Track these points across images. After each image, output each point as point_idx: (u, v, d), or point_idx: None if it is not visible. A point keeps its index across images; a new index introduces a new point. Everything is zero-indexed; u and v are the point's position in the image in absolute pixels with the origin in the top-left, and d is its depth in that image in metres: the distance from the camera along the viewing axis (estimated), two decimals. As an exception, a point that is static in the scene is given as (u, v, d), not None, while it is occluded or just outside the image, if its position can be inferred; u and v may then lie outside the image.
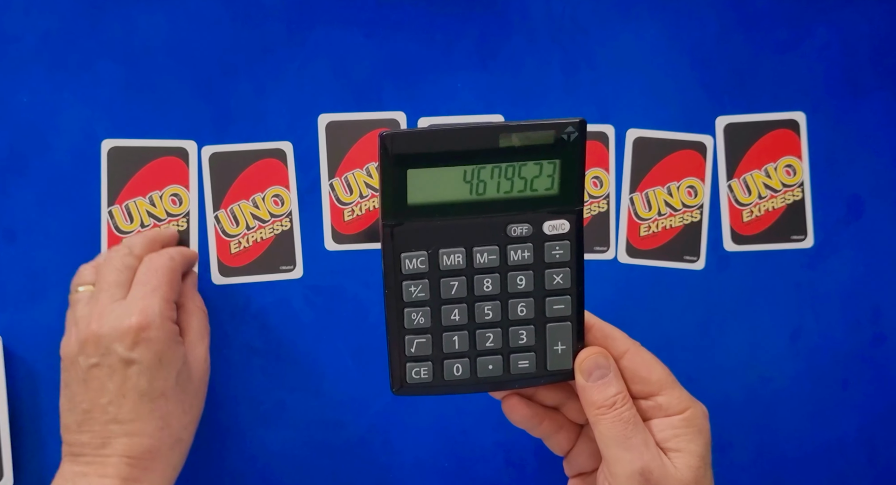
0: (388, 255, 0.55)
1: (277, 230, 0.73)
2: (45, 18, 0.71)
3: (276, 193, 0.73)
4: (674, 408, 0.57)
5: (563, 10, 0.74)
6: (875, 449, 0.74)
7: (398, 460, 0.73)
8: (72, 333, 0.63)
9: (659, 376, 0.57)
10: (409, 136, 0.53)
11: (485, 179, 0.54)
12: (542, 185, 0.54)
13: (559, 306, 0.56)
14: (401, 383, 0.57)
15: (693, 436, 0.57)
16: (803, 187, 0.75)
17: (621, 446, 0.55)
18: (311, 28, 0.73)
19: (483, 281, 0.55)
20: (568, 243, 0.55)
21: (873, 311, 0.74)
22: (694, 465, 0.56)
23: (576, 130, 0.53)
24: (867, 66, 0.75)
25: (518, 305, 0.56)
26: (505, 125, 0.53)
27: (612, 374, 0.57)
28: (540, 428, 0.60)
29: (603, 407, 0.56)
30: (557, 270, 0.56)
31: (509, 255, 0.55)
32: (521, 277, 0.55)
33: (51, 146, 0.71)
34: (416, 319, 0.56)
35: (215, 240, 0.73)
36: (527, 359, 0.57)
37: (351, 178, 0.73)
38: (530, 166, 0.54)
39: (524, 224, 0.55)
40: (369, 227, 0.73)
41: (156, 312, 0.62)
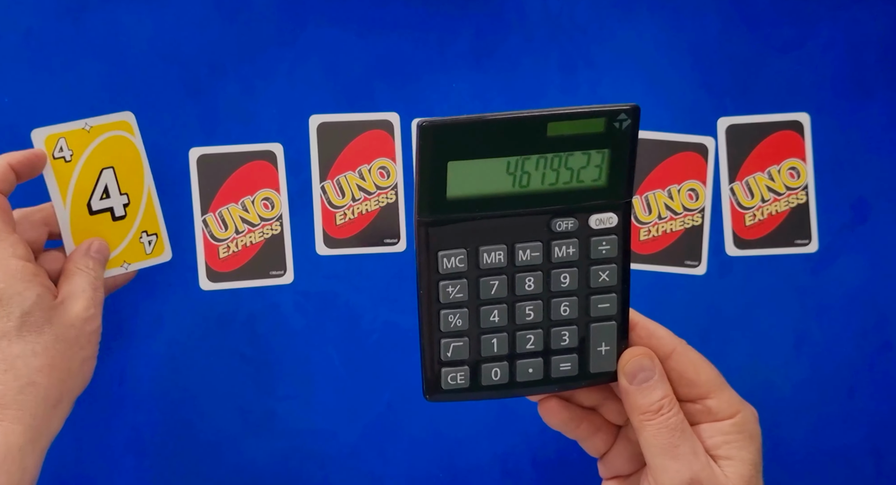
0: (423, 253, 0.52)
1: (267, 234, 0.73)
2: (27, 17, 0.71)
3: (265, 196, 0.73)
4: (724, 412, 0.55)
5: (561, 8, 0.74)
6: (882, 458, 0.74)
7: (392, 471, 0.73)
8: None
9: (707, 378, 0.55)
10: (452, 125, 0.50)
11: (529, 170, 0.51)
12: (590, 176, 0.52)
13: (604, 305, 0.54)
14: (434, 389, 0.54)
15: (744, 442, 0.54)
16: (807, 190, 0.74)
17: (668, 454, 0.53)
18: (302, 27, 0.73)
19: (525, 280, 0.53)
20: (615, 238, 0.53)
21: (879, 317, 0.74)
22: (746, 474, 0.54)
23: (628, 117, 0.51)
24: (873, 67, 0.75)
25: (561, 304, 0.54)
26: (554, 113, 0.50)
27: (657, 376, 0.54)
28: (577, 431, 0.58)
29: (648, 412, 0.54)
30: (603, 267, 0.53)
31: (553, 251, 0.53)
32: (565, 274, 0.53)
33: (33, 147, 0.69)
34: (454, 321, 0.53)
35: (203, 244, 0.73)
36: (569, 361, 0.54)
37: (343, 180, 0.73)
38: (578, 156, 0.51)
39: (570, 218, 0.52)
40: (362, 231, 0.73)
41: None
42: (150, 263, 0.70)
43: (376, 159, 0.73)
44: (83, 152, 0.67)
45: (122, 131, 0.69)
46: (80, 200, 0.67)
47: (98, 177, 0.68)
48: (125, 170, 0.69)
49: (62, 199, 0.67)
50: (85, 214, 0.67)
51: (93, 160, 0.68)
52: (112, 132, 0.69)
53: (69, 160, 0.67)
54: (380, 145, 0.73)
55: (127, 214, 0.69)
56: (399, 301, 0.73)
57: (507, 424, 0.73)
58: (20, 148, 0.69)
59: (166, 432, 0.72)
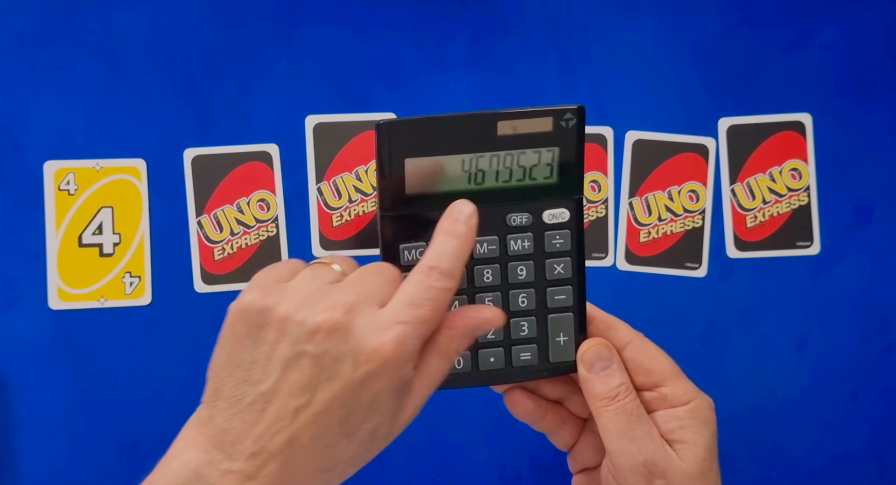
0: (386, 246, 0.55)
1: (263, 236, 0.73)
2: (19, 16, 0.71)
3: (261, 198, 0.73)
4: (679, 399, 0.57)
5: (560, 8, 0.74)
6: (884, 463, 0.74)
7: (389, 475, 0.72)
8: (296, 296, 0.49)
9: (663, 367, 0.58)
10: (407, 124, 0.53)
11: (483, 168, 0.54)
12: (541, 173, 0.55)
13: (560, 297, 0.57)
14: None
15: (698, 427, 0.57)
16: (809, 192, 0.74)
17: (624, 437, 0.56)
18: (298, 27, 0.73)
19: (483, 272, 0.56)
20: (568, 232, 0.56)
21: (882, 320, 0.74)
22: (700, 456, 0.56)
23: (574, 116, 0.54)
24: (875, 66, 0.74)
25: (519, 295, 0.56)
26: (502, 112, 0.54)
27: (614, 365, 0.57)
28: (543, 422, 0.60)
29: (606, 399, 0.56)
30: (558, 260, 0.56)
31: (509, 245, 0.56)
32: (521, 267, 0.56)
33: (25, 148, 0.71)
34: None
35: (198, 246, 0.72)
36: (529, 351, 0.57)
37: (339, 181, 0.73)
38: (529, 154, 0.54)
39: (524, 213, 0.55)
40: (359, 232, 0.73)
41: (407, 351, 0.49)
42: (128, 303, 0.71)
43: (374, 160, 0.72)
44: (87, 189, 0.70)
45: (130, 176, 0.71)
46: (73, 231, 0.70)
47: (95, 213, 0.70)
48: (124, 212, 0.71)
49: (55, 228, 0.70)
50: (74, 246, 0.70)
51: (94, 197, 0.71)
52: (120, 175, 0.71)
53: (72, 194, 0.70)
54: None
55: (115, 252, 0.71)
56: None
57: (505, 428, 0.72)
58: (9, 146, 0.69)
59: (160, 435, 0.71)
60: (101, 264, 0.71)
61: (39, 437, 0.70)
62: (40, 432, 0.70)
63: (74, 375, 0.71)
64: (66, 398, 0.70)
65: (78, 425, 0.71)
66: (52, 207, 0.70)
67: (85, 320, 0.71)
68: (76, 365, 0.71)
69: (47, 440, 0.70)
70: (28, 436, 0.69)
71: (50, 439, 0.70)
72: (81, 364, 0.71)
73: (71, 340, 0.71)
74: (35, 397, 0.70)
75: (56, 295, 0.70)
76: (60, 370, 0.71)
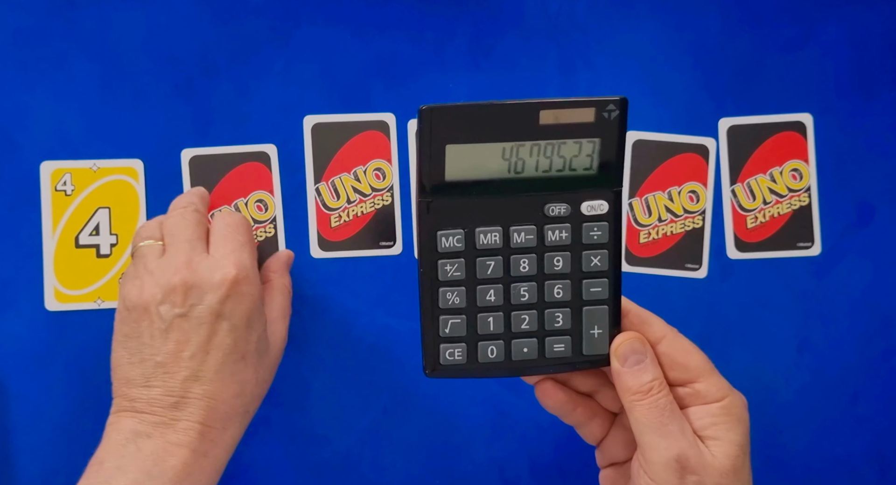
0: (423, 232, 0.55)
1: (261, 237, 0.72)
2: (16, 15, 0.71)
3: (259, 198, 0.73)
4: (712, 396, 0.57)
5: (560, 8, 0.73)
6: (886, 465, 0.74)
7: (387, 478, 0.72)
8: (147, 281, 0.61)
9: (697, 363, 0.58)
10: (449, 110, 0.53)
11: (523, 156, 0.54)
12: (581, 164, 0.55)
13: (596, 289, 0.57)
14: (434, 364, 0.57)
15: (732, 424, 0.57)
16: (810, 192, 0.74)
17: (657, 432, 0.56)
18: (296, 26, 0.72)
19: (520, 261, 0.56)
20: (606, 225, 0.56)
21: (883, 322, 0.74)
22: (732, 453, 0.56)
23: (617, 108, 0.54)
24: (877, 66, 0.74)
25: (555, 286, 0.57)
26: (545, 102, 0.54)
27: (648, 360, 0.57)
28: (573, 415, 0.61)
29: (639, 393, 0.56)
30: (595, 252, 0.56)
31: (547, 235, 0.56)
32: (558, 258, 0.56)
33: (21, 148, 0.71)
34: (452, 299, 0.56)
35: None
36: (562, 343, 0.57)
37: (338, 182, 0.73)
38: (570, 145, 0.54)
39: (562, 204, 0.56)
40: (357, 233, 0.73)
41: (248, 265, 0.62)
42: None
43: (372, 161, 0.72)
44: (84, 189, 0.70)
45: (128, 177, 0.70)
46: (70, 232, 0.70)
47: (92, 214, 0.70)
48: (121, 212, 0.71)
49: (52, 229, 0.69)
50: (70, 246, 0.70)
51: (91, 198, 0.70)
52: (117, 176, 0.70)
53: (69, 194, 0.70)
54: (375, 146, 0.73)
55: (112, 253, 0.71)
56: (395, 305, 0.72)
57: (505, 430, 0.72)
58: (5, 146, 0.70)
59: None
60: (98, 265, 0.71)
61: (36, 439, 0.70)
62: (37, 435, 0.70)
63: (71, 376, 0.70)
64: (63, 400, 0.70)
65: (75, 427, 0.70)
66: (48, 208, 0.69)
67: (82, 322, 0.71)
68: (73, 366, 0.70)
69: (44, 442, 0.70)
70: (25, 438, 0.69)
71: (47, 442, 0.70)
72: (78, 365, 0.70)
73: (68, 342, 0.70)
74: (32, 398, 0.70)
75: (53, 296, 0.70)
76: (57, 372, 0.70)
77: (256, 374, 0.63)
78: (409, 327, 0.72)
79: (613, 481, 0.61)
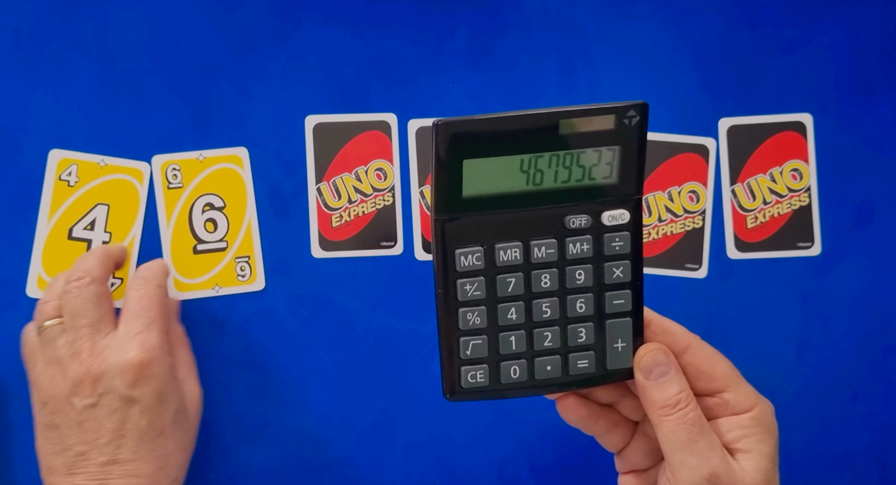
0: (440, 252, 0.53)
1: None
2: (15, 15, 0.71)
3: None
4: (741, 405, 0.56)
5: (560, 7, 0.73)
6: (886, 465, 0.74)
7: (387, 478, 0.72)
8: (56, 373, 0.62)
9: (724, 372, 0.56)
10: (465, 124, 0.51)
11: (542, 168, 0.53)
12: (601, 173, 0.53)
13: (619, 302, 0.55)
14: (454, 387, 0.55)
15: (763, 435, 0.56)
16: (810, 192, 0.74)
17: (687, 450, 0.54)
18: (296, 25, 0.72)
19: (541, 276, 0.54)
20: (628, 235, 0.55)
21: (883, 321, 0.74)
22: (764, 467, 0.55)
23: (637, 113, 0.53)
24: (877, 66, 0.74)
25: (577, 301, 0.55)
26: (564, 111, 0.52)
27: (672, 371, 0.55)
28: (595, 427, 0.59)
29: (666, 407, 0.55)
30: (617, 263, 0.55)
31: (568, 248, 0.54)
32: (580, 271, 0.55)
33: (21, 148, 0.71)
34: (472, 319, 0.54)
35: None
36: (586, 358, 0.56)
37: (339, 182, 0.72)
38: (589, 154, 0.53)
39: (583, 215, 0.54)
40: (358, 233, 0.72)
41: (155, 345, 0.61)
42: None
43: (373, 161, 0.72)
44: (87, 183, 0.70)
45: (132, 177, 0.70)
46: (64, 223, 0.69)
47: (91, 209, 0.70)
48: (119, 212, 0.70)
49: (48, 217, 0.69)
50: (63, 238, 0.69)
51: (92, 193, 0.70)
52: (122, 175, 0.70)
53: (72, 185, 0.69)
54: (377, 146, 0.72)
55: None
56: (395, 305, 0.72)
57: (505, 430, 0.72)
58: (5, 146, 0.69)
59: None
60: None
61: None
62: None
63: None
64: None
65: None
66: (48, 196, 0.69)
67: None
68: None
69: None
70: (25, 438, 0.69)
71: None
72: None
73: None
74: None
75: (35, 284, 0.69)
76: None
77: (178, 443, 0.63)
78: (409, 327, 0.72)
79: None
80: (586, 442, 0.71)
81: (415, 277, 0.72)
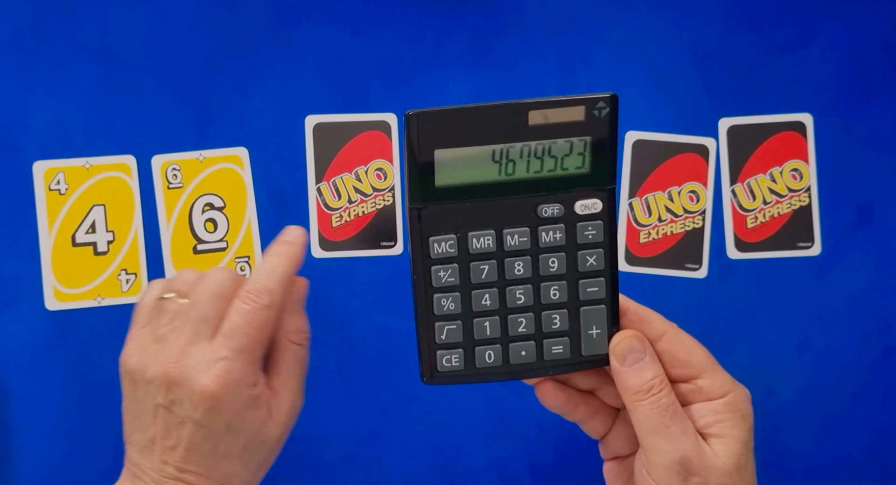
0: (415, 239, 0.55)
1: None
2: (15, 15, 0.71)
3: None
4: (715, 391, 0.56)
5: (559, 7, 0.73)
6: (886, 465, 0.74)
7: (387, 478, 0.72)
8: (146, 347, 0.59)
9: (699, 359, 0.57)
10: (436, 114, 0.52)
11: (514, 158, 0.53)
12: (573, 163, 0.54)
13: (593, 289, 0.56)
14: (431, 371, 0.56)
15: (736, 421, 0.56)
16: (810, 192, 0.74)
17: (659, 434, 0.55)
18: (296, 25, 0.72)
19: (514, 264, 0.55)
20: (601, 223, 0.55)
21: (883, 321, 0.74)
22: (736, 451, 0.55)
23: (607, 105, 0.53)
24: (877, 66, 0.74)
25: (551, 288, 0.56)
26: (534, 102, 0.53)
27: (647, 357, 0.56)
28: (575, 413, 0.60)
29: (640, 392, 0.55)
30: (591, 252, 0.55)
31: (541, 236, 0.55)
32: (553, 259, 0.55)
33: (21, 148, 0.71)
34: (446, 305, 0.55)
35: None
36: (561, 344, 0.56)
37: (339, 182, 0.72)
38: (560, 144, 0.53)
39: (555, 204, 0.55)
40: (358, 233, 0.72)
41: (234, 380, 0.57)
42: (125, 300, 0.71)
43: (373, 161, 0.72)
44: (78, 187, 0.70)
45: (121, 173, 0.70)
46: (66, 231, 0.70)
47: (88, 212, 0.70)
48: (116, 209, 0.70)
49: (48, 228, 0.69)
50: (67, 245, 0.70)
51: (86, 196, 0.70)
52: (110, 173, 0.70)
53: (63, 193, 0.69)
54: (377, 146, 0.73)
55: (109, 250, 0.70)
56: (395, 304, 0.72)
57: (504, 429, 0.72)
58: (5, 146, 0.69)
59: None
60: (96, 263, 0.70)
61: (37, 439, 0.70)
62: (38, 435, 0.70)
63: (72, 375, 0.70)
64: (64, 400, 0.70)
65: (76, 427, 0.70)
66: (43, 207, 0.69)
67: (83, 320, 0.70)
68: (74, 366, 0.70)
69: (45, 443, 0.70)
70: (25, 438, 0.69)
71: (48, 442, 0.70)
72: (79, 365, 0.70)
73: (69, 341, 0.70)
74: (33, 399, 0.70)
75: (52, 296, 0.70)
76: (58, 372, 0.70)
77: (247, 466, 0.60)
78: (409, 327, 0.72)
79: (617, 473, 0.61)
80: (586, 442, 0.71)
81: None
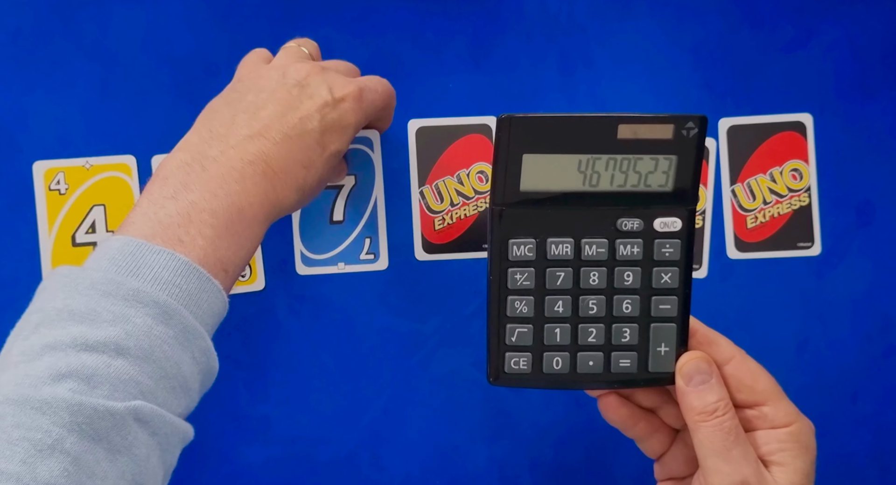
0: (495, 240, 0.56)
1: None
2: (15, 15, 0.70)
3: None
4: (780, 420, 0.57)
5: (560, 8, 0.73)
6: (886, 465, 0.74)
7: (387, 478, 0.72)
8: (281, 55, 0.64)
9: (765, 386, 0.57)
10: (529, 120, 0.54)
11: (599, 170, 0.55)
12: (657, 181, 0.55)
13: (665, 306, 0.57)
14: (497, 372, 0.57)
15: (799, 451, 0.56)
16: (810, 192, 0.74)
17: (721, 456, 0.55)
18: (296, 27, 0.72)
19: (590, 274, 0.56)
20: (679, 242, 0.56)
21: (883, 321, 0.74)
22: (796, 481, 0.55)
23: (696, 126, 0.54)
24: (877, 66, 0.74)
25: (623, 301, 0.56)
26: (625, 116, 0.54)
27: (713, 380, 0.56)
28: (635, 430, 0.60)
29: (703, 413, 0.55)
30: (666, 269, 0.56)
31: (618, 249, 0.56)
32: (628, 272, 0.56)
33: (21, 148, 0.70)
34: (519, 307, 0.56)
35: None
36: (628, 358, 0.57)
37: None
38: (646, 161, 0.55)
39: (635, 219, 0.56)
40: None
41: (368, 99, 0.62)
42: None
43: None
44: (78, 187, 0.70)
45: (121, 173, 0.70)
46: (66, 231, 0.69)
47: (88, 212, 0.70)
48: (117, 209, 0.70)
49: (48, 228, 0.69)
50: (67, 245, 0.69)
51: (86, 196, 0.70)
52: (111, 173, 0.70)
53: (63, 193, 0.69)
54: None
55: None
56: (395, 305, 0.72)
57: (505, 430, 0.72)
58: (5, 146, 0.69)
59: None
60: None
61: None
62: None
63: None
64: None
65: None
66: (43, 208, 0.69)
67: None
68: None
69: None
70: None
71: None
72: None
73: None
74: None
75: None
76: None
77: (324, 167, 0.60)
78: (409, 327, 0.72)
79: None
80: (586, 442, 0.71)
81: (415, 277, 0.72)
